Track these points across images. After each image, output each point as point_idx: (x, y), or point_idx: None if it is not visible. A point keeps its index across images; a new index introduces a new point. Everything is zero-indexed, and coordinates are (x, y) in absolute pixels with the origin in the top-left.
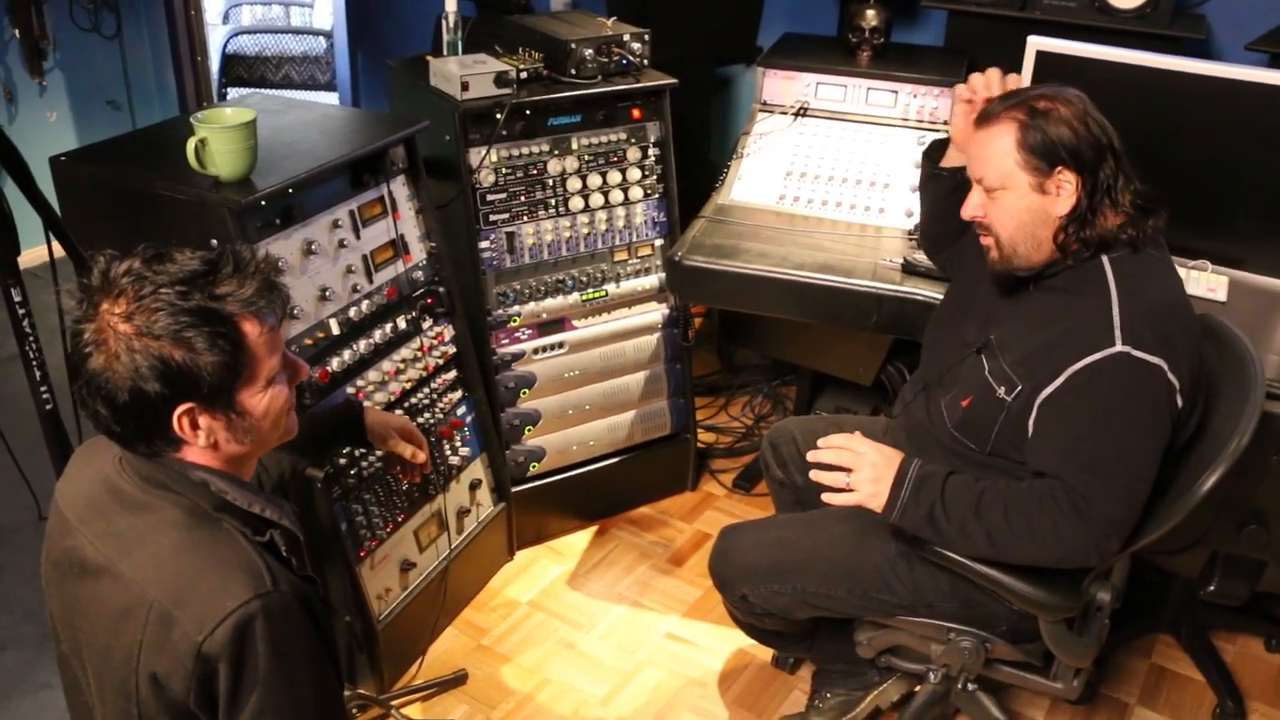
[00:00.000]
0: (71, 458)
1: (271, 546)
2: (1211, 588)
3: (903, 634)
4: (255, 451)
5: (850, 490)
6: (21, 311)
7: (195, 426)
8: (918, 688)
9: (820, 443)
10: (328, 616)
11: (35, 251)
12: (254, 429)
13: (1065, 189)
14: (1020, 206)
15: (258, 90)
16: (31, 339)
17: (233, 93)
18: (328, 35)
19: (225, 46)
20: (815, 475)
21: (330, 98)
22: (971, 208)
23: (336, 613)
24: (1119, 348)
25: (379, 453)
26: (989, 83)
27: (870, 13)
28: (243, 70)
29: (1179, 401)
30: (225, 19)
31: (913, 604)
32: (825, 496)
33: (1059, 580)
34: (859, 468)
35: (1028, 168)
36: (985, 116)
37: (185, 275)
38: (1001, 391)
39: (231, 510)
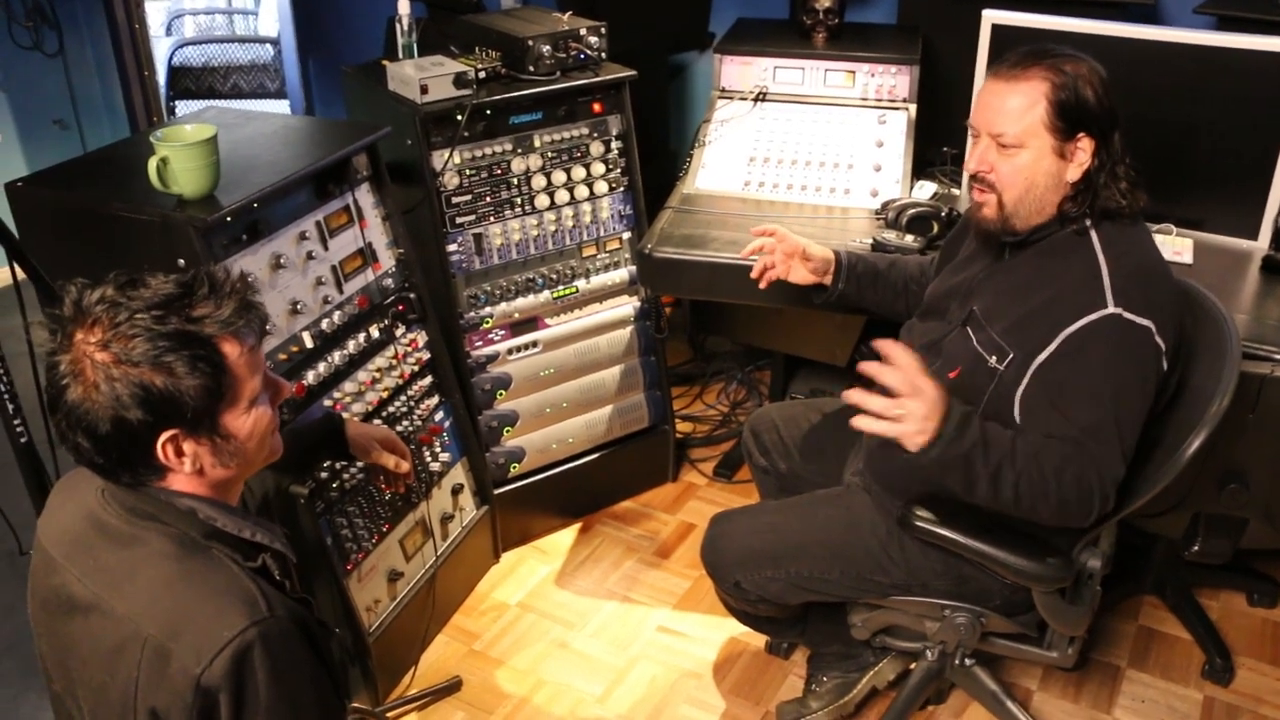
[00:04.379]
0: (51, 493)
1: (264, 571)
2: (1195, 548)
3: (897, 614)
4: (242, 475)
5: (894, 420)
6: None
7: (180, 453)
8: (913, 665)
9: (882, 347)
10: (325, 637)
11: None
12: (240, 452)
13: (1080, 155)
14: (1037, 169)
15: (211, 103)
16: (1, 371)
17: (181, 105)
18: (274, 42)
19: (171, 59)
20: (848, 395)
21: (281, 105)
22: (978, 161)
23: (333, 632)
24: (1111, 309)
25: (360, 465)
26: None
27: None
28: (190, 82)
29: (1164, 365)
30: (168, 31)
31: (907, 584)
32: (859, 421)
33: (1050, 551)
34: (919, 397)
35: (1053, 129)
36: (1007, 70)
37: (160, 299)
38: (993, 361)
39: (221, 537)
